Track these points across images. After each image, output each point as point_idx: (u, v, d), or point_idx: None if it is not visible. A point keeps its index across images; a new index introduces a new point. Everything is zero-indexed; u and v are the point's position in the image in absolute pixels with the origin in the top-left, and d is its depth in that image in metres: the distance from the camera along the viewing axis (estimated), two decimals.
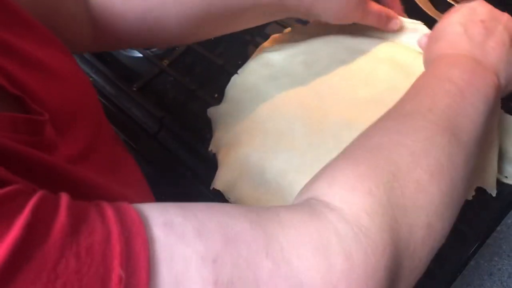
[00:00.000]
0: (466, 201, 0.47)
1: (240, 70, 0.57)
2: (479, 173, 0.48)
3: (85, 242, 0.22)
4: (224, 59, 0.62)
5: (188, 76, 0.61)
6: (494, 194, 0.48)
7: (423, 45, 0.52)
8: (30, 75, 0.33)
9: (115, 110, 0.59)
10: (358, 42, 0.56)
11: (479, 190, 0.48)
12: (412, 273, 0.32)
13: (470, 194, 0.47)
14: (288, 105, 0.53)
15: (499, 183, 0.49)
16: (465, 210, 0.46)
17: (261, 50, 0.59)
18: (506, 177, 0.50)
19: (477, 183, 0.48)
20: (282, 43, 0.59)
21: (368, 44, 0.56)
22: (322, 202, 0.31)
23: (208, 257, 0.24)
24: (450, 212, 0.35)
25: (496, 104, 0.43)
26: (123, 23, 0.48)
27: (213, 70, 0.61)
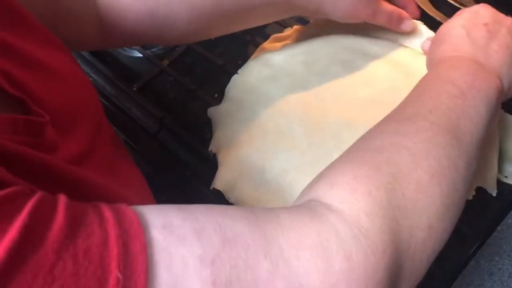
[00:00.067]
0: (466, 201, 0.47)
1: (240, 70, 0.57)
2: (480, 173, 0.48)
3: (82, 245, 0.22)
4: (224, 59, 0.62)
5: (188, 76, 0.61)
6: (494, 194, 0.48)
7: (426, 48, 0.52)
8: (30, 76, 0.33)
9: (115, 110, 0.59)
10: (358, 42, 0.56)
11: (480, 190, 0.48)
12: (413, 274, 0.32)
13: (470, 194, 0.47)
14: (288, 105, 0.53)
15: (500, 183, 0.49)
16: (465, 210, 0.46)
17: (261, 50, 0.59)
18: (506, 176, 0.50)
19: (477, 183, 0.48)
20: (282, 43, 0.59)
21: (368, 44, 0.56)
22: (323, 203, 0.31)
23: (206, 258, 0.24)
24: (451, 213, 0.35)
25: (498, 106, 0.43)
26: (131, 21, 0.48)
27: (213, 70, 0.61)
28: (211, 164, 0.52)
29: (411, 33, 0.56)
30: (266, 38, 0.61)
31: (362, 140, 0.38)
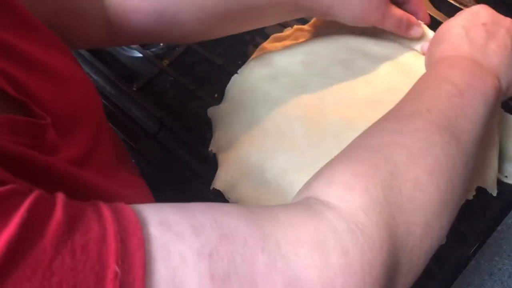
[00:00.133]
0: (466, 201, 0.47)
1: (240, 70, 0.57)
2: (480, 173, 0.48)
3: (81, 240, 0.22)
4: (224, 59, 0.62)
5: (188, 76, 0.61)
6: (494, 194, 0.48)
7: (426, 50, 0.52)
8: (32, 77, 0.33)
9: (115, 110, 0.59)
10: (358, 42, 0.56)
11: (480, 190, 0.48)
12: (410, 271, 0.32)
13: (470, 194, 0.47)
14: (288, 105, 0.53)
15: (500, 183, 0.49)
16: (465, 210, 0.46)
17: (261, 50, 0.59)
18: (506, 176, 0.50)
19: (477, 183, 0.48)
20: (282, 43, 0.59)
21: (368, 44, 0.56)
22: (320, 201, 0.31)
23: (204, 252, 0.24)
24: (448, 211, 0.35)
25: (496, 106, 0.43)
26: (139, 21, 0.48)
27: (213, 70, 0.61)
28: (211, 164, 0.52)
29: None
30: (266, 38, 0.61)
31: (361, 138, 0.38)
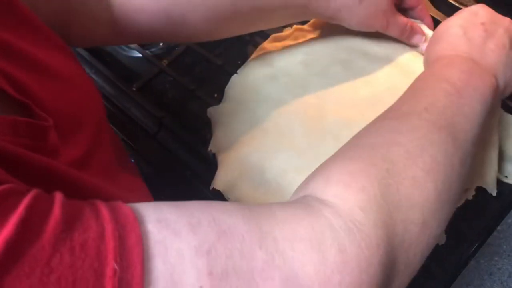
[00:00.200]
0: (466, 200, 0.47)
1: (239, 70, 0.57)
2: (479, 172, 0.48)
3: (79, 238, 0.22)
4: (223, 59, 0.62)
5: (187, 76, 0.61)
6: (494, 193, 0.48)
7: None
8: (33, 78, 0.33)
9: (115, 110, 0.59)
10: (358, 42, 0.56)
11: (479, 190, 0.48)
12: (407, 268, 0.33)
13: (470, 194, 0.47)
14: (288, 105, 0.53)
15: (499, 183, 0.49)
16: (465, 210, 0.46)
17: (261, 50, 0.59)
18: (506, 176, 0.50)
19: (477, 183, 0.48)
20: (282, 43, 0.59)
21: (368, 44, 0.56)
22: (318, 199, 0.32)
23: (202, 248, 0.25)
24: (445, 209, 0.35)
25: (494, 104, 0.44)
26: (145, 21, 0.48)
27: (212, 70, 0.61)
28: (211, 164, 0.52)
29: None
30: (265, 37, 0.61)
31: (358, 136, 0.39)
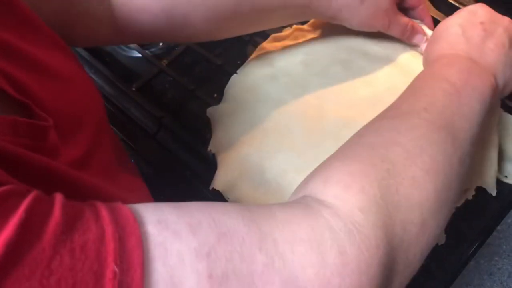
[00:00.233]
0: (466, 200, 0.47)
1: (239, 70, 0.57)
2: (479, 172, 0.48)
3: (79, 240, 0.22)
4: (223, 59, 0.61)
5: (187, 76, 0.61)
6: (494, 193, 0.48)
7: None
8: (32, 78, 0.33)
9: (114, 110, 0.59)
10: (358, 42, 0.56)
11: (479, 190, 0.48)
12: (406, 269, 0.32)
13: (470, 194, 0.47)
14: (287, 105, 0.53)
15: (499, 183, 0.49)
16: (465, 210, 0.46)
17: (260, 49, 0.59)
18: (506, 176, 0.50)
19: (477, 183, 0.48)
20: (282, 43, 0.59)
21: (368, 44, 0.56)
22: (317, 199, 0.31)
23: (202, 251, 0.24)
24: (445, 208, 0.35)
25: (493, 104, 0.44)
26: (146, 20, 0.48)
27: (212, 70, 0.61)
28: (211, 164, 0.52)
29: None
30: (265, 37, 0.61)
31: (357, 136, 0.39)
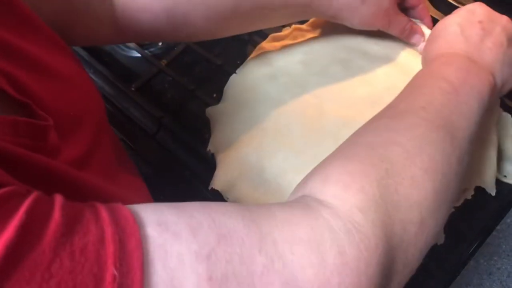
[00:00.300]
0: (466, 200, 0.47)
1: (238, 70, 0.57)
2: (478, 172, 0.48)
3: (79, 243, 0.22)
4: (222, 59, 0.61)
5: (186, 76, 0.61)
6: (493, 193, 0.48)
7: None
8: (32, 78, 0.33)
9: (114, 110, 0.59)
10: (357, 41, 0.56)
11: (478, 190, 0.48)
12: (405, 268, 0.33)
13: (469, 194, 0.47)
14: (287, 104, 0.53)
15: (498, 182, 0.49)
16: (464, 210, 0.46)
17: (259, 49, 0.59)
18: (505, 176, 0.50)
19: (476, 183, 0.48)
20: (281, 43, 0.59)
21: (367, 43, 0.56)
22: (316, 199, 0.31)
23: (202, 253, 0.24)
24: (443, 208, 0.35)
25: (491, 102, 0.44)
26: (147, 20, 0.48)
27: (211, 69, 0.61)
28: (210, 164, 0.52)
29: None
30: (264, 37, 0.61)
31: (356, 135, 0.39)
